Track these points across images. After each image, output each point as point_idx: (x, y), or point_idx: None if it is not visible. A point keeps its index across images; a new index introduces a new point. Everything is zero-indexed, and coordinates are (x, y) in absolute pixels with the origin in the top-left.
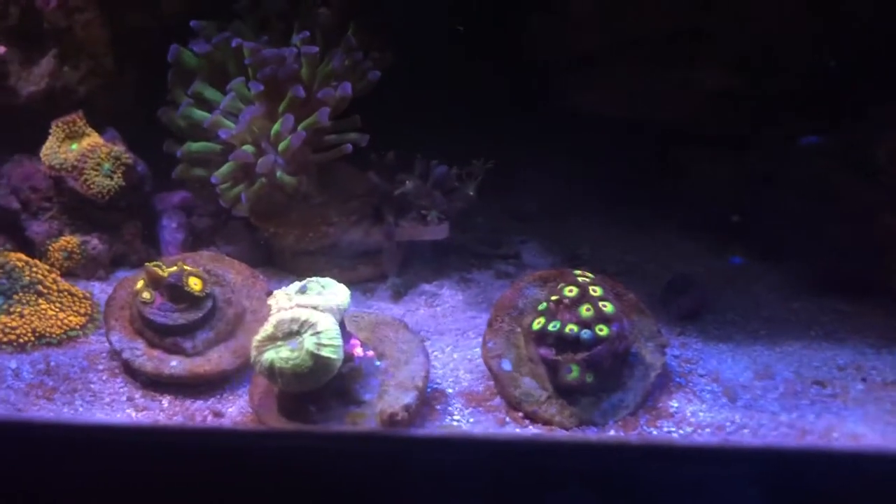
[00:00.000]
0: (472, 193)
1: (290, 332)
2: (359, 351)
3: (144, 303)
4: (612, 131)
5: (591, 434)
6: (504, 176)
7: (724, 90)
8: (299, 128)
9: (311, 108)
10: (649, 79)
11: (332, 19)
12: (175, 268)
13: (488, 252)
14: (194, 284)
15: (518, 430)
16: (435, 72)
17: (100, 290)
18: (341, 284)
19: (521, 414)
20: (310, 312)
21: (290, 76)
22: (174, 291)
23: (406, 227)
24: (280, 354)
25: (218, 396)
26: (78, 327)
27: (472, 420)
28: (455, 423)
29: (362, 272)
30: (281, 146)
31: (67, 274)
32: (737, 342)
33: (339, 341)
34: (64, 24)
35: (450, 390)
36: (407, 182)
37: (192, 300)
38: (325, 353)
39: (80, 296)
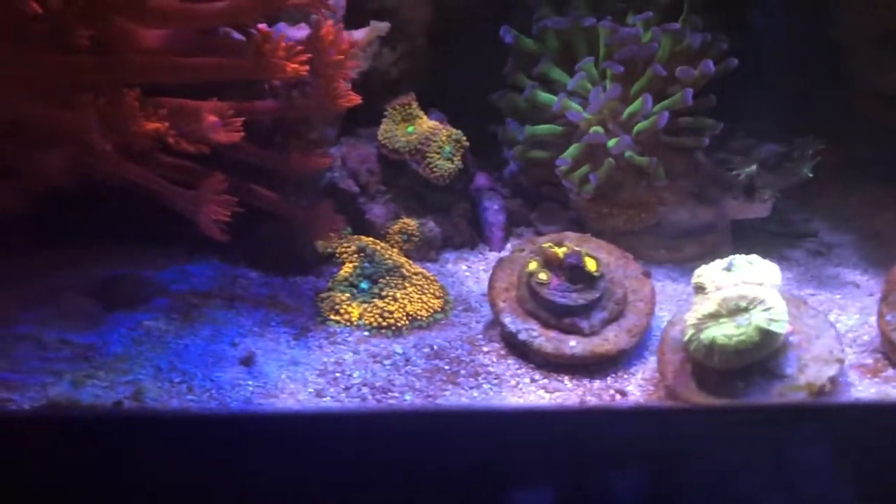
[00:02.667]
0: (810, 174)
1: (737, 309)
2: (787, 326)
3: (541, 284)
4: None
5: None
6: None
7: None
8: (656, 109)
9: (661, 89)
10: None
11: None
12: (565, 248)
13: (779, 230)
14: (590, 265)
15: None
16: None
17: (434, 272)
18: (766, 261)
19: None
20: (758, 289)
21: (650, 56)
22: (573, 272)
23: (732, 205)
24: (723, 331)
25: (613, 376)
26: (439, 309)
27: (872, 390)
28: (860, 394)
29: (688, 252)
30: (639, 126)
31: (404, 256)
32: None
33: (787, 317)
34: (393, 4)
35: None
36: (753, 165)
37: (589, 280)
38: (774, 328)
39: (432, 278)
